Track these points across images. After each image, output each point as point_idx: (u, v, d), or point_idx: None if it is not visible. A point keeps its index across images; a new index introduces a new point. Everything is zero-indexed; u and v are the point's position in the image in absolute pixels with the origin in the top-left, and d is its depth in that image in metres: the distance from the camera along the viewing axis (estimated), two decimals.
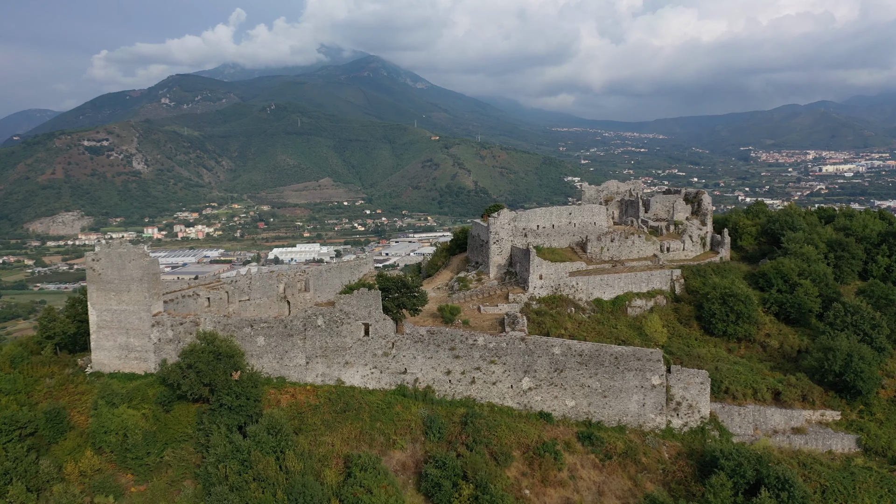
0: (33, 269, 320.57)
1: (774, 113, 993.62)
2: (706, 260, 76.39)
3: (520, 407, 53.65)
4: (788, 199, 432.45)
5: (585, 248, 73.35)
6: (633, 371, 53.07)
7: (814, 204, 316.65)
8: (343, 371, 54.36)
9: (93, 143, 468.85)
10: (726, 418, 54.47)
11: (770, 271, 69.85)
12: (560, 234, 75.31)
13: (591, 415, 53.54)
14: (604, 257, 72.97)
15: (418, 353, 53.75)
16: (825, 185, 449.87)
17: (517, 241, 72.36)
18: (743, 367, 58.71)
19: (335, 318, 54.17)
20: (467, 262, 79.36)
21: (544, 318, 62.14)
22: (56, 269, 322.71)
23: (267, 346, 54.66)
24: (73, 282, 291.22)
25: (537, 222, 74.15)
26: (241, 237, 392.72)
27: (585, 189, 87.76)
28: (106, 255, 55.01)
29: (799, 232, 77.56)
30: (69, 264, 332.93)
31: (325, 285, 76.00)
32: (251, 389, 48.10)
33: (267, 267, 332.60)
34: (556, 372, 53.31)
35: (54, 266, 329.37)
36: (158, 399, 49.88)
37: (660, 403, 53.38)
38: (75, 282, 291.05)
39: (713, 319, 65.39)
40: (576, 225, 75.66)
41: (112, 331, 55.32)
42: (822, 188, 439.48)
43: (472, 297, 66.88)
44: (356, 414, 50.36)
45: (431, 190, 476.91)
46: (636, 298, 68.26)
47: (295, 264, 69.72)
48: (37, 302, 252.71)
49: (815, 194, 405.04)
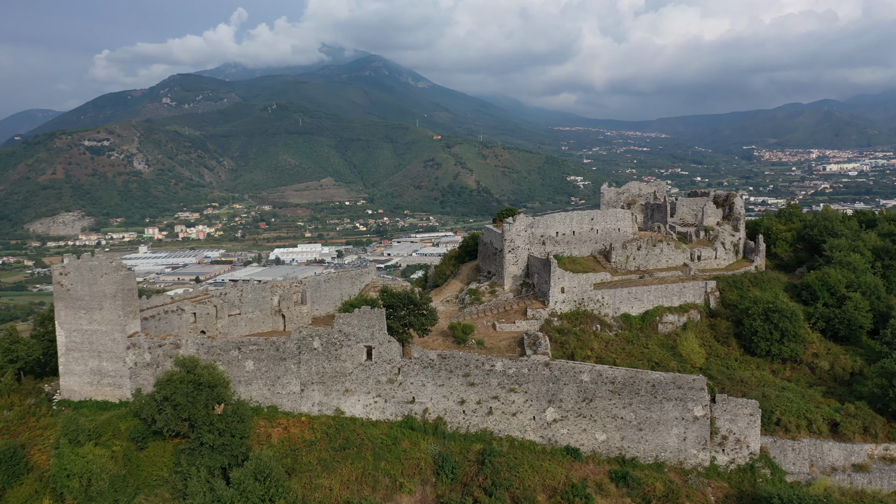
0: (33, 270, 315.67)
1: (777, 112, 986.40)
2: (740, 269, 69.75)
3: (543, 441, 47.22)
4: (793, 199, 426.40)
5: (609, 256, 66.82)
6: (673, 401, 46.58)
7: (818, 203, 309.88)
8: (343, 400, 48.02)
9: (93, 143, 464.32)
10: (778, 454, 47.92)
11: (815, 283, 63.19)
12: (581, 242, 68.76)
13: (624, 450, 47.08)
14: (630, 267, 66.40)
15: (428, 380, 47.36)
16: (829, 185, 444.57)
17: (534, 249, 65.89)
18: (793, 394, 52.13)
19: (333, 339, 47.81)
20: (478, 272, 72.93)
21: (568, 338, 55.67)
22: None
23: (257, 372, 48.35)
24: None
25: (556, 228, 67.60)
26: (242, 237, 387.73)
27: (605, 192, 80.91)
28: (75, 269, 48.80)
29: (841, 238, 70.85)
30: None
31: (324, 297, 69.66)
32: (236, 425, 41.76)
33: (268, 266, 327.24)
34: (584, 401, 46.85)
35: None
36: (132, 434, 43.61)
37: (703, 437, 46.87)
38: None
39: (755, 338, 58.76)
40: (598, 231, 69.09)
41: (82, 354, 49.10)
42: (826, 187, 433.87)
43: (485, 313, 60.44)
44: (358, 452, 43.99)
45: (433, 190, 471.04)
46: (667, 313, 61.70)
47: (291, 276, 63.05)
48: (35, 304, 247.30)
49: (820, 193, 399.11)
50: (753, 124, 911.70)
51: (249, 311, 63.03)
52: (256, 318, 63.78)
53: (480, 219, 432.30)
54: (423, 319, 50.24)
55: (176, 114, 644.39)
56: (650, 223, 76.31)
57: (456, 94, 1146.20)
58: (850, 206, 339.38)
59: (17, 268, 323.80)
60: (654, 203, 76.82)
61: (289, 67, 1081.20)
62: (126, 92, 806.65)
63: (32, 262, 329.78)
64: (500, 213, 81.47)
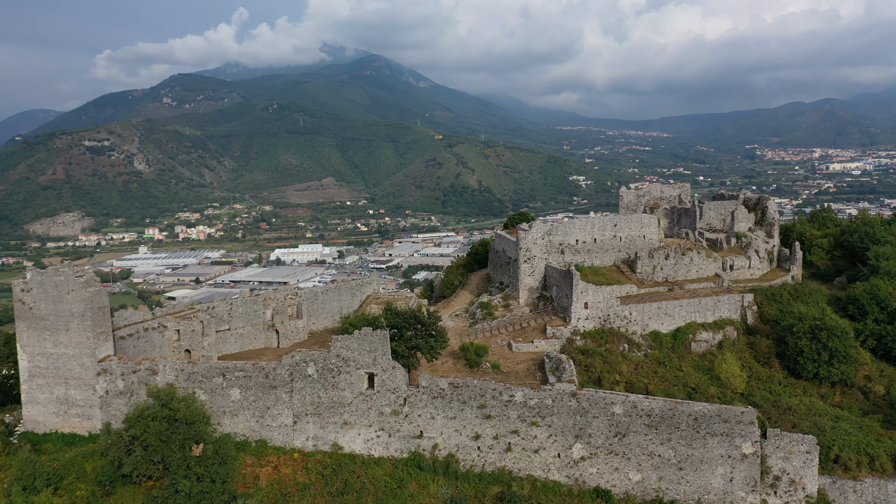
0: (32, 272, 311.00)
1: (779, 111, 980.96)
2: (776, 280, 63.74)
3: (570, 482, 41.40)
4: (797, 198, 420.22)
5: (634, 266, 60.92)
6: (719, 436, 40.72)
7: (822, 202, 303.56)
8: (340, 434, 42.26)
9: (94, 143, 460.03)
10: (838, 496, 42.03)
11: (863, 296, 57.16)
12: (603, 251, 62.85)
13: (662, 492, 41.24)
14: (657, 278, 60.43)
15: (438, 412, 41.58)
16: (833, 184, 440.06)
17: (552, 258, 60.11)
18: (848, 424, 46.18)
19: (330, 365, 42.06)
20: (489, 282, 67.10)
21: (593, 360, 49.80)
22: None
23: (244, 401, 42.64)
24: None
25: (576, 236, 61.69)
26: (242, 238, 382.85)
27: (624, 194, 74.99)
28: (38, 285, 43.16)
29: (886, 246, 64.76)
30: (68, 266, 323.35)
31: (321, 310, 63.86)
32: (217, 469, 36.04)
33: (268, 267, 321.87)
34: (616, 437, 41.02)
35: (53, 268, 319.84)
36: (98, 477, 37.95)
37: (753, 478, 41.00)
38: None
39: (800, 359, 52.79)
40: (622, 239, 63.18)
41: (47, 380, 43.46)
42: (830, 187, 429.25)
43: (500, 330, 54.59)
44: (358, 498, 38.22)
45: (435, 189, 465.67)
46: (701, 330, 55.74)
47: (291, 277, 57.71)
48: None
49: (824, 193, 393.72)
50: (755, 123, 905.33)
51: (240, 326, 57.38)
52: (248, 333, 58.11)
53: (482, 219, 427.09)
54: (432, 342, 44.50)
55: (177, 114, 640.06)
56: (676, 229, 70.40)
57: (457, 93, 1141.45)
58: (855, 205, 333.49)
59: (17, 269, 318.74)
60: (680, 207, 70.78)
61: (290, 67, 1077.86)
62: (127, 92, 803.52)
63: (32, 263, 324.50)
64: (512, 217, 75.61)
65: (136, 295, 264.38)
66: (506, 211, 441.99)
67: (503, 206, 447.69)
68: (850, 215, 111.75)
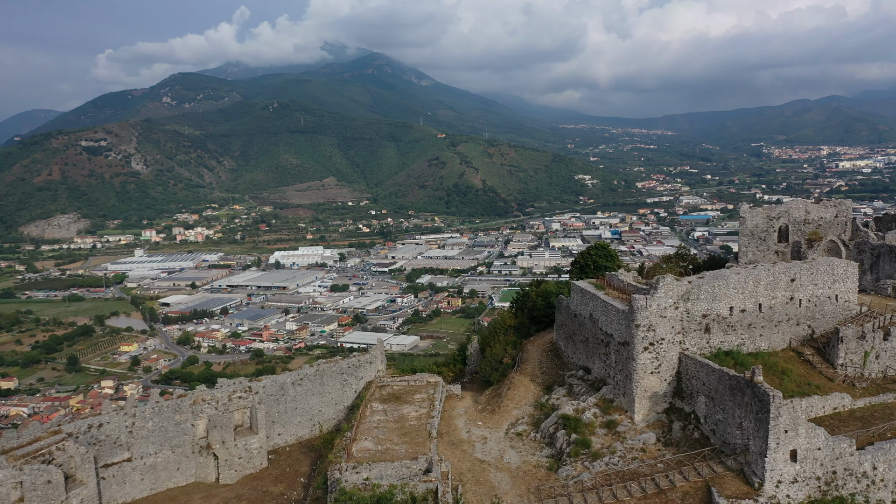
0: (24, 276, 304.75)
1: (785, 108, 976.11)
2: None
3: None
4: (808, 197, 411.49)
5: (830, 352, 36.28)
6: None
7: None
8: None
9: (91, 143, 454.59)
10: None
11: None
12: (772, 323, 37.48)
13: None
14: (870, 373, 35.84)
15: None
16: (844, 182, 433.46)
17: (691, 340, 35.28)
18: None
19: None
20: (557, 356, 43.92)
21: None
22: (48, 276, 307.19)
23: None
24: (64, 289, 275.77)
25: (730, 301, 36.24)
26: (241, 239, 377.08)
27: (747, 215, 50.29)
28: None
29: None
30: (62, 270, 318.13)
31: (291, 412, 40.18)
32: None
33: (267, 270, 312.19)
34: None
35: (46, 272, 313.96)
36: None
37: None
38: (66, 289, 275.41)
39: None
40: (801, 303, 37.97)
41: None
42: (841, 185, 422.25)
43: (612, 487, 29.27)
44: None
45: (438, 189, 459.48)
46: None
47: (233, 381, 39.34)
48: (22, 312, 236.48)
49: (835, 191, 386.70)
50: (761, 121, 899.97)
51: (150, 451, 35.17)
52: (163, 463, 35.55)
53: (487, 219, 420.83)
54: None
55: (176, 113, 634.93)
56: (870, 277, 45.34)
57: (460, 91, 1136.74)
58: (870, 204, 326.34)
59: (9, 272, 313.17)
60: (874, 244, 44.93)
61: (291, 66, 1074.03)
62: (126, 91, 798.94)
63: (24, 267, 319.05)
64: (596, 252, 51.36)
65: (130, 301, 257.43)
66: (511, 211, 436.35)
67: (508, 206, 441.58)
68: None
